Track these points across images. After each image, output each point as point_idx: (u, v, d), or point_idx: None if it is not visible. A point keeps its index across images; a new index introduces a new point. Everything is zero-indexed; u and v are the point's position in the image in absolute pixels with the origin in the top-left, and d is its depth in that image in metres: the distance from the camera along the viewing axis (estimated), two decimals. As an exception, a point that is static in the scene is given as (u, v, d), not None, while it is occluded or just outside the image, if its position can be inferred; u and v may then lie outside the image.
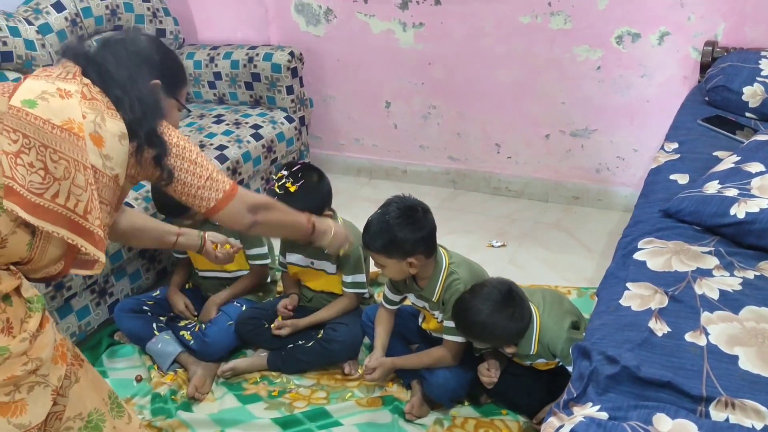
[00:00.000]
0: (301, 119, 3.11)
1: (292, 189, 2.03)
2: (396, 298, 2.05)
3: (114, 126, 1.22)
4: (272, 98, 3.06)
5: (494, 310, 1.73)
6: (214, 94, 3.19)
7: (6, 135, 1.12)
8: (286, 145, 3.00)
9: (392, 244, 1.82)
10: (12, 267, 1.17)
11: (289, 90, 3.03)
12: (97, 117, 1.20)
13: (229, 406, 2.09)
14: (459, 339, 1.90)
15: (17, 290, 1.17)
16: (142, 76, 1.34)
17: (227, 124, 2.89)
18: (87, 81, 1.25)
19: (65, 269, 1.24)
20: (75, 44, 1.37)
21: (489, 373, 1.88)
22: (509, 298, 1.76)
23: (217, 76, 3.12)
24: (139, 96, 1.28)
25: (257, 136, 2.85)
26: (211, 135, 2.79)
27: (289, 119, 3.02)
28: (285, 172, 2.09)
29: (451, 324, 1.89)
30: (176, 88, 1.53)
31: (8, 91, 1.19)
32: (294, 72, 3.02)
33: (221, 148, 2.70)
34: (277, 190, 2.06)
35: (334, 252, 1.99)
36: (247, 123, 2.90)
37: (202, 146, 2.72)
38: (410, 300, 2.04)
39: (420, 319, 2.11)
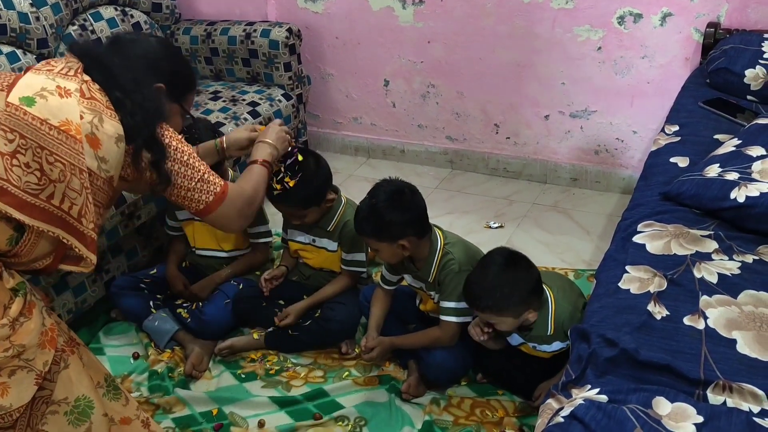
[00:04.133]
0: (299, 97, 3.08)
1: (291, 183, 1.99)
2: (393, 278, 2.05)
3: (111, 128, 1.20)
4: (270, 75, 3.03)
5: (500, 271, 1.71)
6: (211, 71, 3.15)
7: (2, 134, 1.10)
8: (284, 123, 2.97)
9: (381, 228, 1.83)
10: None
11: (287, 67, 3.00)
12: (94, 118, 1.18)
13: (227, 384, 2.09)
14: (455, 319, 1.90)
15: None
16: (146, 79, 1.33)
17: (224, 101, 2.86)
18: (87, 78, 1.23)
19: (53, 264, 1.23)
20: (84, 41, 1.37)
21: (479, 331, 1.81)
22: (513, 260, 1.74)
23: (214, 52, 3.08)
24: (140, 100, 1.26)
25: (254, 114, 2.82)
26: (207, 112, 2.77)
27: (287, 97, 2.99)
28: (281, 166, 2.03)
29: (447, 304, 1.89)
30: (182, 94, 1.53)
31: (7, 85, 1.16)
32: (292, 49, 2.99)
33: (218, 125, 2.68)
34: (276, 187, 2.01)
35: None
36: (244, 100, 2.88)
37: (198, 123, 2.69)
38: (407, 281, 2.04)
39: (417, 301, 2.12)
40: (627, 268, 1.54)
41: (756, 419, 1.10)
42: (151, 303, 2.25)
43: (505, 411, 1.91)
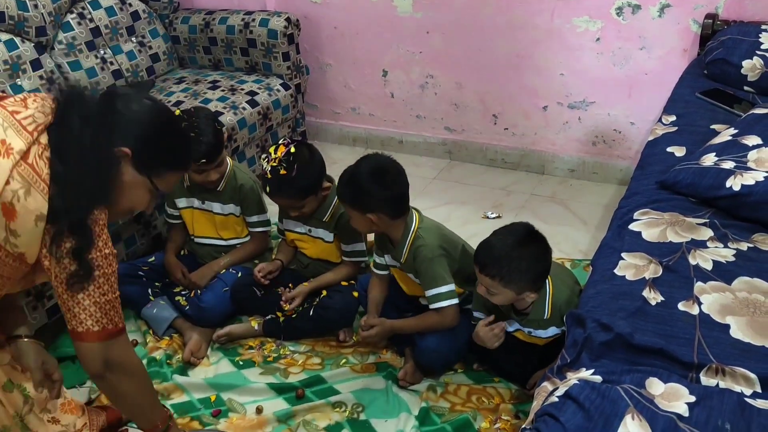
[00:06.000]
0: (297, 87, 3.09)
1: (283, 173, 2.01)
2: (381, 260, 2.07)
3: (34, 203, 1.13)
4: (268, 65, 3.03)
5: (518, 243, 1.69)
6: (209, 60, 3.15)
7: None
8: (282, 113, 2.98)
9: (357, 197, 1.87)
10: None
11: (286, 57, 3.00)
12: (21, 188, 1.11)
13: (225, 371, 2.10)
14: (447, 303, 1.90)
15: None
16: (111, 141, 1.20)
17: (222, 90, 2.86)
18: (43, 141, 1.15)
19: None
20: (73, 87, 1.25)
21: (489, 329, 1.81)
22: (532, 235, 1.74)
23: (212, 41, 3.08)
24: (77, 179, 1.15)
25: (253, 103, 2.83)
26: (206, 101, 2.77)
27: (285, 86, 3.00)
28: (274, 157, 2.05)
29: (433, 292, 1.90)
30: (155, 168, 1.30)
31: None
32: (290, 38, 2.99)
33: (216, 114, 2.68)
34: (269, 176, 2.03)
35: None
36: (242, 89, 2.88)
37: (197, 112, 2.69)
38: (386, 260, 2.07)
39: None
40: (623, 255, 1.56)
41: (748, 400, 1.11)
42: (149, 291, 2.26)
43: (501, 398, 1.93)
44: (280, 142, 2.09)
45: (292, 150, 2.03)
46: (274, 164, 2.03)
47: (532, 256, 1.69)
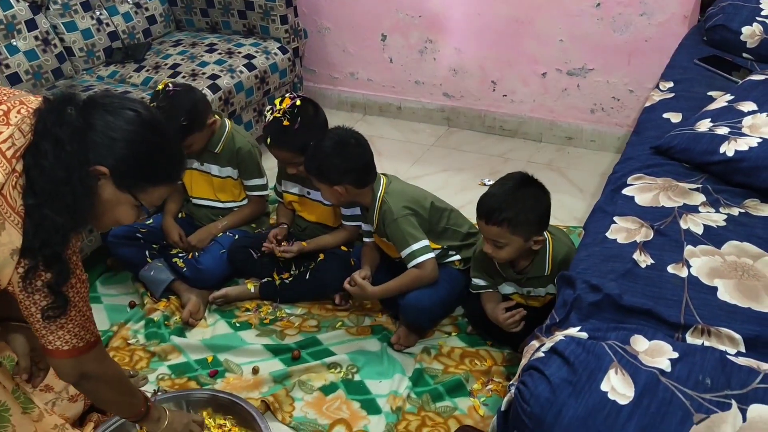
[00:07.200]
0: (295, 50, 3.06)
1: (286, 124, 2.03)
2: (368, 228, 2.12)
3: (9, 238, 1.10)
4: (266, 28, 3.00)
5: (518, 187, 1.74)
6: (207, 23, 3.12)
7: None
8: (279, 77, 2.96)
9: (322, 170, 1.95)
10: None
11: (283, 20, 2.97)
12: None
13: (222, 332, 2.13)
14: (423, 258, 1.93)
15: None
16: (83, 161, 1.13)
17: (220, 53, 2.84)
18: (18, 169, 1.11)
19: None
20: (54, 102, 1.16)
21: (509, 315, 1.84)
22: (531, 181, 1.78)
23: (210, 3, 3.05)
24: (50, 213, 1.11)
25: (250, 66, 2.81)
26: (203, 64, 2.75)
27: (283, 50, 2.97)
28: (279, 108, 2.07)
29: (407, 251, 1.94)
30: (139, 185, 1.22)
31: None
32: (288, 1, 2.95)
33: (213, 77, 2.67)
34: (271, 126, 2.05)
35: None
36: (240, 53, 2.86)
37: (193, 75, 2.68)
38: (364, 228, 2.13)
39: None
40: (615, 219, 1.57)
41: (729, 357, 1.14)
42: (146, 253, 2.27)
43: (494, 360, 1.96)
44: (287, 95, 2.10)
45: (298, 103, 2.06)
46: (278, 115, 2.05)
47: (534, 196, 1.74)
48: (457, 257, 2.07)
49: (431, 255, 1.95)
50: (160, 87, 2.11)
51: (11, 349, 1.49)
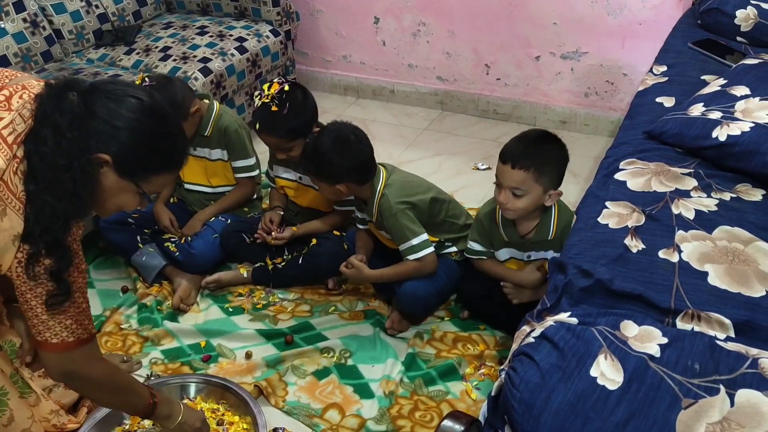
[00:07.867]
0: (287, 33, 3.03)
1: (274, 109, 2.00)
2: (363, 216, 2.10)
3: (10, 224, 1.10)
4: (257, 10, 2.97)
5: (542, 138, 1.80)
6: (198, 5, 3.09)
7: None
8: (271, 60, 2.93)
9: (321, 169, 1.91)
10: None
11: (275, 2, 2.94)
12: None
13: (215, 317, 2.13)
14: (423, 253, 1.93)
15: None
16: (84, 149, 1.12)
17: (211, 36, 2.81)
18: (19, 154, 1.11)
19: None
20: (56, 87, 1.14)
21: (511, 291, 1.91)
22: (551, 135, 1.81)
23: (201, -15, 3.01)
24: (51, 200, 1.11)
25: (242, 49, 2.78)
26: (194, 47, 2.72)
27: (275, 33, 2.94)
28: (267, 93, 2.04)
29: (406, 245, 1.93)
30: (141, 173, 1.22)
31: None
32: (280, -17, 2.92)
33: (204, 60, 2.64)
34: (259, 111, 2.03)
35: None
36: (231, 35, 2.83)
37: (184, 58, 2.65)
38: (358, 214, 2.12)
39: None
40: (607, 203, 1.57)
41: (718, 342, 1.15)
42: (138, 238, 2.26)
43: (486, 345, 1.97)
44: (275, 80, 2.07)
45: (286, 88, 2.04)
46: (266, 100, 2.03)
47: (558, 148, 1.78)
48: (454, 248, 2.07)
49: (430, 250, 1.94)
50: (137, 81, 2.07)
51: (16, 331, 1.48)
